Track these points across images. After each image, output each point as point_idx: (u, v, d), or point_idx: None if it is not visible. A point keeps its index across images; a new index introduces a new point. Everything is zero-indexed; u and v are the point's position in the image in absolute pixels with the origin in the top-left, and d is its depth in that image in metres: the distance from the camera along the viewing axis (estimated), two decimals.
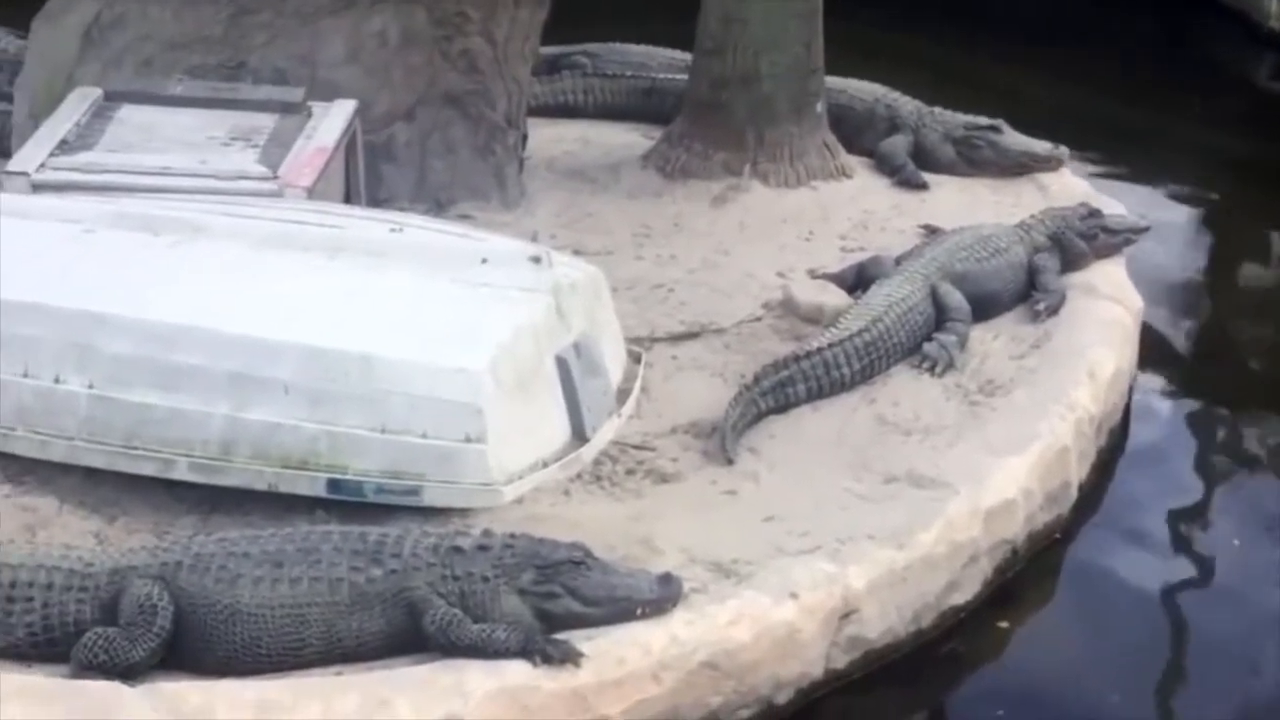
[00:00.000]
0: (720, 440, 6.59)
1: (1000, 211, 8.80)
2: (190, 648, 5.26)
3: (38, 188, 7.12)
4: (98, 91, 7.83)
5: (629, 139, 9.74)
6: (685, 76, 9.65)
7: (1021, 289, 7.87)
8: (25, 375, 6.14)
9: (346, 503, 5.98)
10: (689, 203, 8.89)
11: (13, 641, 5.26)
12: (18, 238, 6.55)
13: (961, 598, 6.23)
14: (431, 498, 6.02)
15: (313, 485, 6.00)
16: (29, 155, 7.33)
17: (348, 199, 7.88)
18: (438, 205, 8.47)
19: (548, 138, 9.57)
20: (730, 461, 6.53)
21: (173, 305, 6.18)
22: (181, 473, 6.05)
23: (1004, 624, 6.32)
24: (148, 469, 6.07)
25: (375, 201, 8.15)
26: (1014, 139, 9.43)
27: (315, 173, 7.31)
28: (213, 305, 6.19)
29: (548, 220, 8.57)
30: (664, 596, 5.43)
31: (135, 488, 6.10)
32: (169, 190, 7.10)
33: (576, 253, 7.74)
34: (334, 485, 6.00)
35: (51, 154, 7.32)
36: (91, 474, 6.14)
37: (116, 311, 6.13)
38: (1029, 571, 6.58)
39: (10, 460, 6.20)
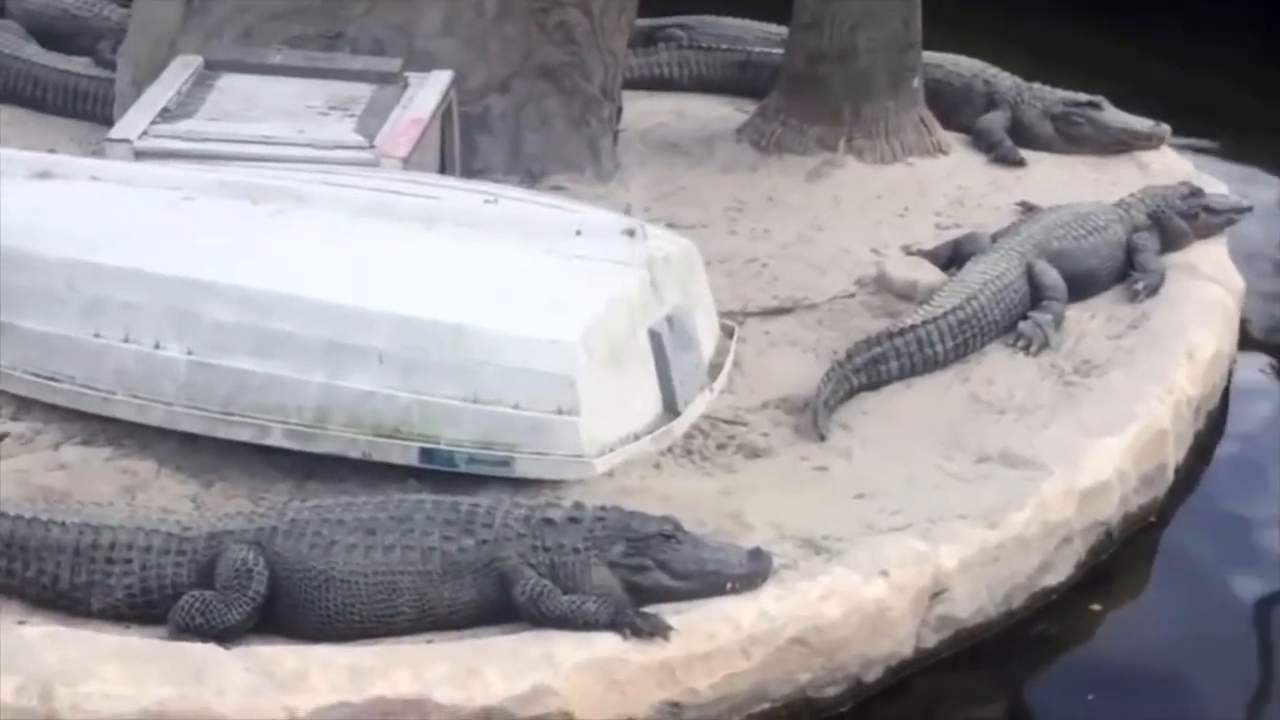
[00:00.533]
0: (812, 416, 6.56)
1: (1099, 189, 8.68)
2: (285, 613, 5.32)
3: (140, 155, 7.19)
4: (199, 60, 7.89)
5: (724, 112, 9.69)
6: (781, 50, 9.59)
7: (1120, 268, 7.77)
8: (126, 340, 6.22)
9: (438, 472, 6.00)
10: (783, 177, 8.84)
11: (111, 603, 5.35)
12: (120, 204, 6.65)
13: (1054, 579, 6.17)
14: (523, 469, 6.03)
15: (405, 454, 6.03)
16: (131, 122, 7.42)
17: (443, 169, 7.91)
18: (531, 177, 8.47)
19: (642, 110, 9.53)
20: (822, 438, 6.50)
21: (271, 273, 6.23)
22: (277, 439, 6.10)
23: (1096, 607, 6.25)
24: (244, 435, 6.13)
25: (469, 172, 8.16)
26: (1114, 116, 9.30)
27: (411, 143, 7.34)
28: (310, 274, 6.24)
29: (641, 193, 8.55)
30: (754, 571, 5.42)
31: (232, 453, 6.16)
32: (267, 159, 7.15)
33: (670, 226, 7.70)
34: (426, 454, 6.02)
35: (153, 122, 7.39)
36: (189, 439, 6.21)
37: (216, 279, 6.19)
38: (1123, 554, 6.49)
39: (110, 424, 6.30)
